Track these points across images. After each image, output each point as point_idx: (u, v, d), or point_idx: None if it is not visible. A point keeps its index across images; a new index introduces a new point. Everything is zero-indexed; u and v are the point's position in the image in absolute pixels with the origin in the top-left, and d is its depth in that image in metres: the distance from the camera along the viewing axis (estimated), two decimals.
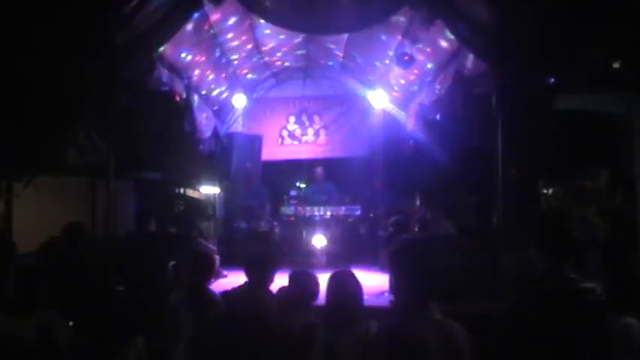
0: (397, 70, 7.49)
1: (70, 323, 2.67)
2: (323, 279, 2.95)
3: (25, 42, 4.29)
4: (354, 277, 2.80)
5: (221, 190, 8.74)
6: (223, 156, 8.68)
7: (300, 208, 8.23)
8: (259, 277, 3.50)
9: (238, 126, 9.55)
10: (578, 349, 2.29)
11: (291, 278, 3.28)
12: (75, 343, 2.51)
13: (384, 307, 4.56)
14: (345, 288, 2.75)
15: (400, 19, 6.02)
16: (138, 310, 2.85)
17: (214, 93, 8.27)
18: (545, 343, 2.33)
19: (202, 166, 7.96)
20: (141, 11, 4.70)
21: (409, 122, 8.46)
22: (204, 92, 7.79)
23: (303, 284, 3.20)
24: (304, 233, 8.03)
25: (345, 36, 7.43)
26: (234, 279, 5.55)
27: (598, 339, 2.29)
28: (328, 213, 8.16)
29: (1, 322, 2.38)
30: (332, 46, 8.19)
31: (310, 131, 9.85)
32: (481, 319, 3.28)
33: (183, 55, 6.29)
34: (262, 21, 6.37)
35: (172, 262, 5.54)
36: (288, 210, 8.34)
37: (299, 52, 8.53)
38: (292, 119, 9.87)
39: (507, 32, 4.64)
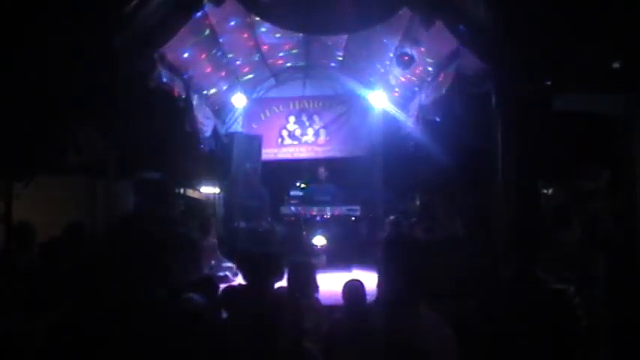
0: (397, 70, 7.49)
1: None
2: (323, 279, 3.00)
3: (25, 42, 4.29)
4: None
5: (221, 190, 8.74)
6: (223, 156, 8.68)
7: (300, 208, 8.23)
8: (262, 278, 3.52)
9: (238, 126, 9.56)
10: (544, 348, 2.29)
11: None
12: (79, 343, 2.51)
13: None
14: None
15: (400, 19, 6.02)
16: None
17: (214, 93, 8.27)
18: (512, 342, 2.33)
19: (202, 166, 7.96)
20: (141, 11, 4.69)
21: (409, 122, 8.46)
22: (204, 92, 7.79)
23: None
24: (304, 233, 8.02)
25: (345, 36, 7.43)
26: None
27: (566, 339, 2.29)
28: (328, 213, 8.16)
29: (9, 322, 2.37)
30: (332, 46, 8.19)
31: (310, 131, 9.85)
32: (470, 319, 3.28)
33: (183, 54, 6.29)
34: (262, 21, 6.37)
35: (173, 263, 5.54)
36: (288, 210, 8.34)
37: (299, 52, 8.53)
38: (292, 119, 9.87)
39: (507, 32, 4.64)
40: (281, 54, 8.43)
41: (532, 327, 2.30)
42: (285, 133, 9.85)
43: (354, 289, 3.57)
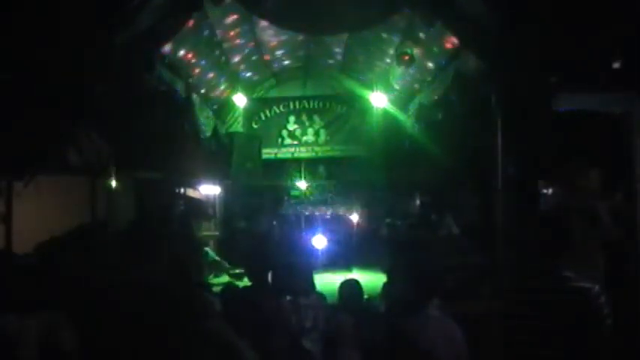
0: (397, 70, 7.49)
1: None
2: (323, 279, 3.00)
3: (25, 42, 4.28)
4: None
5: (221, 190, 8.75)
6: (223, 156, 8.69)
7: (300, 208, 8.23)
8: (263, 278, 3.52)
9: (238, 126, 9.56)
10: (567, 348, 2.28)
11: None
12: (80, 344, 2.50)
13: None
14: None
15: (400, 19, 6.02)
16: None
17: (214, 93, 8.27)
18: (534, 341, 2.33)
19: (202, 165, 7.96)
20: (141, 11, 4.69)
21: (409, 122, 8.46)
22: (204, 92, 7.79)
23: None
24: (304, 233, 8.03)
25: (346, 36, 7.43)
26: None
27: (589, 339, 2.28)
28: (328, 213, 8.17)
29: (6, 322, 2.37)
30: (332, 46, 8.19)
31: (310, 131, 9.86)
32: (480, 318, 3.29)
33: (183, 54, 6.29)
34: (262, 21, 6.37)
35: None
36: (288, 210, 8.34)
37: (299, 52, 8.53)
38: (292, 119, 9.88)
39: (507, 32, 4.63)
40: (281, 54, 8.43)
41: (555, 325, 2.29)
42: (285, 133, 9.86)
43: (350, 287, 3.57)
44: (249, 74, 8.80)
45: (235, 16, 6.39)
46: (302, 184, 9.14)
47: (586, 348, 2.27)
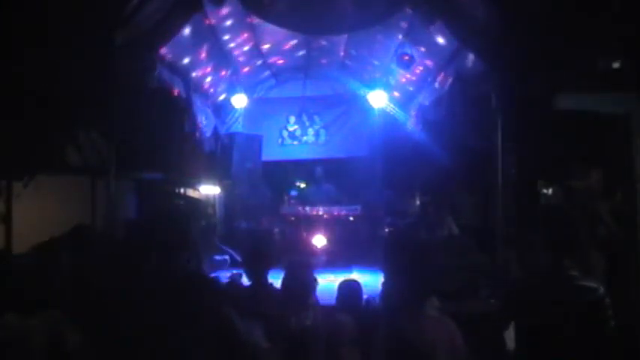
0: (397, 70, 7.49)
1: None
2: (323, 279, 3.00)
3: (25, 41, 4.29)
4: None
5: (221, 190, 8.75)
6: (223, 156, 8.68)
7: (300, 208, 8.23)
8: (262, 278, 3.52)
9: (238, 126, 9.55)
10: (573, 348, 2.28)
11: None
12: (84, 345, 2.49)
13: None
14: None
15: (400, 19, 6.02)
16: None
17: (214, 93, 8.27)
18: (536, 340, 2.33)
19: (202, 166, 7.96)
20: (141, 11, 4.70)
21: (409, 122, 8.47)
22: (204, 92, 7.79)
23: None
24: (304, 233, 8.02)
25: (346, 36, 7.43)
26: None
27: (593, 339, 2.28)
28: (328, 213, 8.16)
29: (9, 322, 2.37)
30: (332, 46, 8.19)
31: (310, 131, 9.85)
32: (481, 318, 3.29)
33: (183, 54, 6.29)
34: (262, 21, 6.37)
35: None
36: (288, 210, 8.34)
37: (299, 52, 8.53)
38: (292, 119, 9.87)
39: (507, 32, 4.64)
40: (281, 54, 8.43)
41: (560, 324, 2.29)
42: (285, 133, 9.85)
43: (350, 288, 3.56)
44: (249, 74, 8.80)
45: (235, 16, 6.38)
46: (302, 185, 9.13)
47: (591, 347, 2.27)
